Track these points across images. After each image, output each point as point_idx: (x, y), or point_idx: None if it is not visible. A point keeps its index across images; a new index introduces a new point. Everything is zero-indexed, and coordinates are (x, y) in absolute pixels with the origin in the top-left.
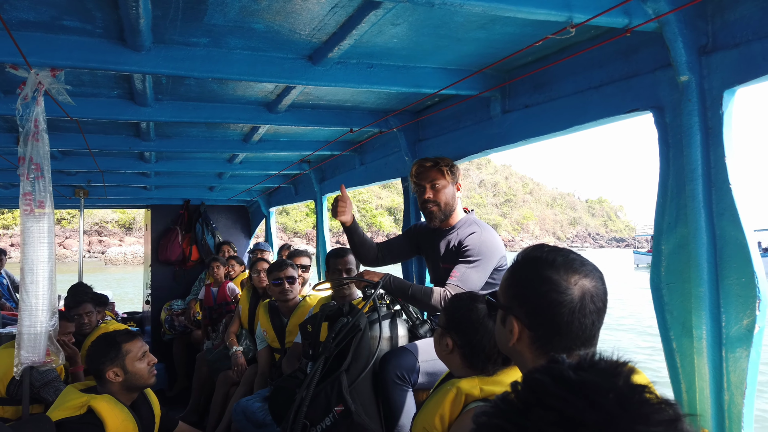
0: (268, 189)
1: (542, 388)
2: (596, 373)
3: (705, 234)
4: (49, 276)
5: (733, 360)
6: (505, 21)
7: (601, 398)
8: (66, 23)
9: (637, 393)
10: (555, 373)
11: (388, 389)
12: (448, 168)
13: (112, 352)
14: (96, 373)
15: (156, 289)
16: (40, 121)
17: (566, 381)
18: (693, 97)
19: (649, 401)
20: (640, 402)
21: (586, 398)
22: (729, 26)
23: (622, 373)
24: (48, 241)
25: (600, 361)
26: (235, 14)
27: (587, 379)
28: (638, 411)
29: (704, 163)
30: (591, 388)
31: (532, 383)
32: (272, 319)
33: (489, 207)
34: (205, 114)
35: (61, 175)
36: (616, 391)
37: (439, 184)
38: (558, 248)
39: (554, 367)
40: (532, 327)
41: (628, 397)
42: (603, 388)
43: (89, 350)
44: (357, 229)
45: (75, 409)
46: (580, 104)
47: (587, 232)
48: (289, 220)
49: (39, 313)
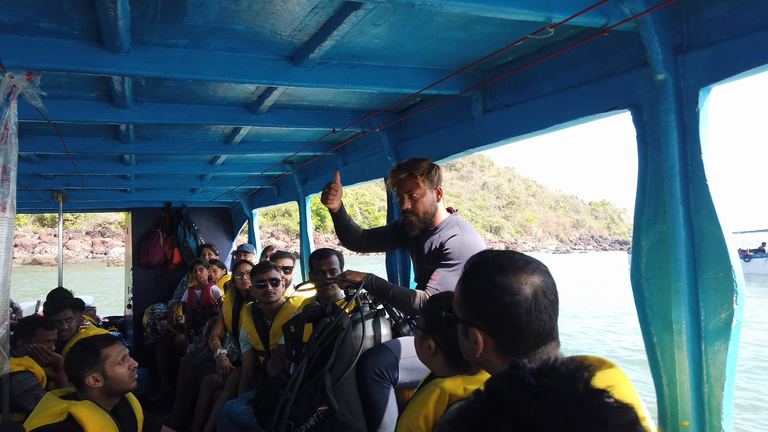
0: (251, 190)
1: (503, 395)
2: (556, 378)
3: (683, 230)
4: (3, 282)
5: (712, 353)
6: (484, 21)
7: (561, 403)
8: (42, 25)
9: (596, 397)
10: (516, 379)
11: (367, 386)
12: (423, 176)
13: (91, 358)
14: (75, 379)
15: (138, 293)
16: (11, 125)
17: (526, 387)
18: (669, 96)
19: (607, 405)
20: (598, 406)
21: (545, 403)
22: (703, 25)
23: (582, 378)
24: (5, 246)
25: (560, 366)
26: (214, 15)
27: (547, 384)
28: (597, 415)
29: (681, 160)
30: (550, 394)
31: (493, 390)
32: (256, 321)
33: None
34: (186, 115)
35: (39, 179)
36: (576, 395)
37: (416, 194)
38: (502, 251)
39: (515, 373)
40: (494, 334)
41: (587, 402)
42: (562, 393)
43: (68, 356)
44: (343, 215)
45: (54, 416)
46: (560, 103)
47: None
48: (291, 222)
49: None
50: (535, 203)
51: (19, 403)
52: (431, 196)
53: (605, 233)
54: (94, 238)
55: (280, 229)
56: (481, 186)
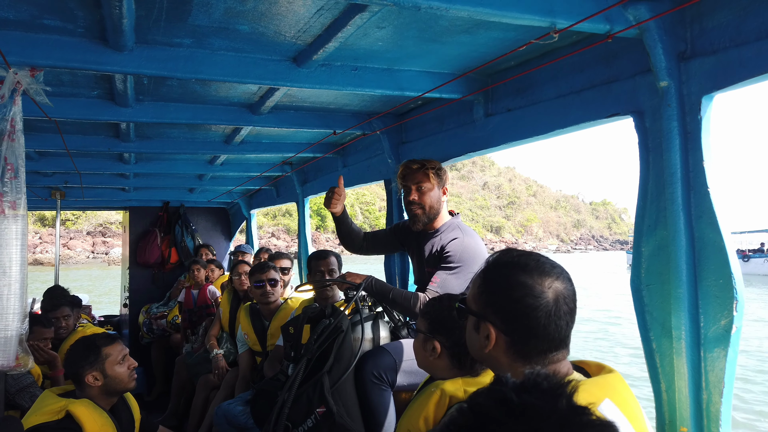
0: (250, 191)
1: (485, 414)
2: (538, 395)
3: (684, 236)
4: (21, 279)
5: (711, 360)
6: (489, 25)
7: (542, 422)
8: (47, 22)
9: (578, 415)
10: (498, 396)
11: (366, 389)
12: (434, 171)
13: (92, 356)
14: (75, 377)
15: (134, 292)
16: (17, 121)
17: (508, 405)
18: (672, 102)
19: (590, 423)
20: (580, 424)
21: (527, 423)
22: (707, 33)
23: (564, 395)
24: (21, 244)
25: (543, 381)
26: (219, 15)
27: (529, 402)
28: None
29: (683, 167)
30: (532, 412)
31: (476, 408)
32: (253, 322)
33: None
34: (187, 115)
35: (38, 176)
36: (557, 413)
37: (424, 186)
38: (527, 252)
39: (497, 390)
40: (509, 332)
41: (569, 420)
42: (544, 412)
43: (68, 354)
44: (346, 219)
45: (53, 414)
46: (562, 108)
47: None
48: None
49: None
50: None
51: (14, 400)
52: (438, 193)
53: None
54: (95, 238)
55: (281, 229)
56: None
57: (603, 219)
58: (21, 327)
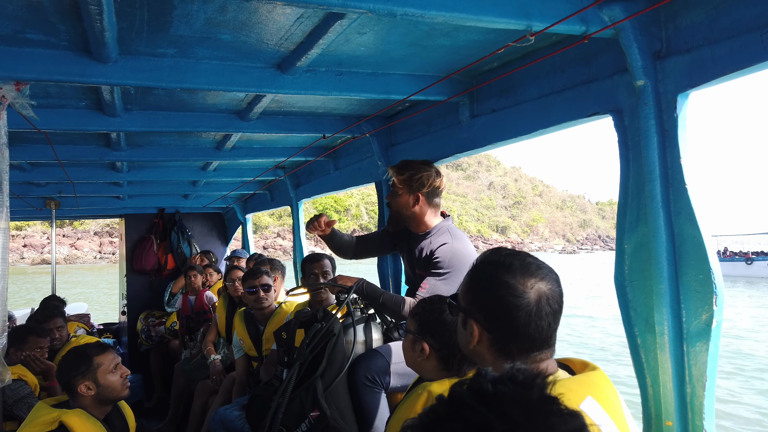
0: (244, 196)
1: (459, 401)
2: (512, 386)
3: (664, 233)
4: (1, 291)
5: (693, 354)
6: (468, 29)
7: (511, 409)
8: (29, 36)
9: (546, 404)
10: (474, 386)
11: (359, 392)
12: (403, 177)
13: (83, 366)
14: (67, 386)
15: (131, 299)
16: (1, 135)
17: (482, 394)
18: (649, 101)
19: (557, 412)
20: (547, 413)
21: (496, 410)
22: (681, 32)
23: (536, 386)
24: (1, 257)
25: (519, 374)
26: (201, 25)
27: (501, 391)
28: (544, 421)
29: (661, 165)
30: (503, 400)
31: (452, 396)
32: (248, 327)
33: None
34: (176, 123)
35: (31, 187)
36: (527, 402)
37: (394, 189)
38: (515, 252)
39: (475, 380)
40: (491, 330)
41: (537, 408)
42: (514, 400)
43: (60, 364)
44: (334, 235)
45: (46, 425)
46: (544, 108)
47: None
48: None
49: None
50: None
51: (12, 411)
52: (405, 200)
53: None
54: (102, 238)
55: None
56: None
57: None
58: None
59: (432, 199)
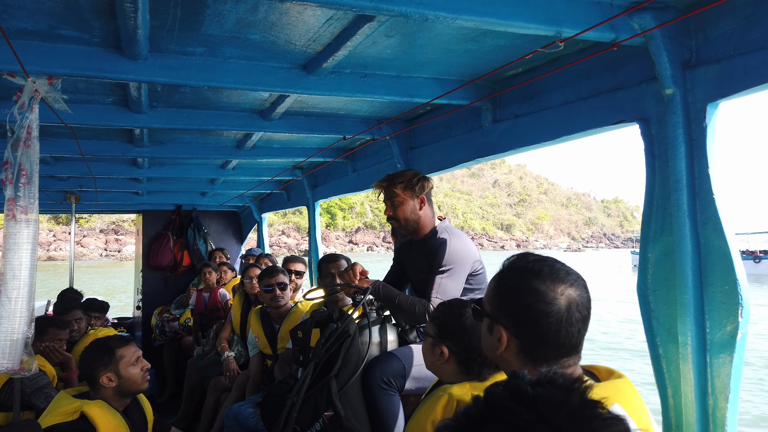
0: (261, 195)
1: (498, 403)
2: (552, 389)
3: (689, 242)
4: (30, 283)
5: (717, 365)
6: (495, 34)
7: (552, 413)
8: (64, 32)
9: (588, 408)
10: (513, 388)
11: (374, 394)
12: (402, 184)
13: (106, 357)
14: (89, 378)
15: (147, 294)
16: (33, 128)
17: (521, 396)
18: (677, 110)
19: (599, 416)
20: (590, 417)
21: (537, 412)
22: (711, 42)
23: (578, 390)
24: (31, 248)
25: (558, 378)
26: (231, 25)
27: (542, 394)
28: (587, 425)
29: (689, 174)
30: (544, 403)
31: (490, 398)
32: (264, 325)
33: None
34: (200, 121)
35: (53, 180)
36: (568, 406)
37: (396, 201)
38: (543, 257)
39: (513, 382)
40: (519, 336)
41: (579, 412)
42: (555, 403)
43: (82, 355)
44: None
45: (67, 415)
46: (568, 115)
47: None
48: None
49: (17, 319)
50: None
51: (29, 401)
52: (412, 205)
53: (618, 231)
54: (108, 236)
55: (290, 227)
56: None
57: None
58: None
59: (429, 200)
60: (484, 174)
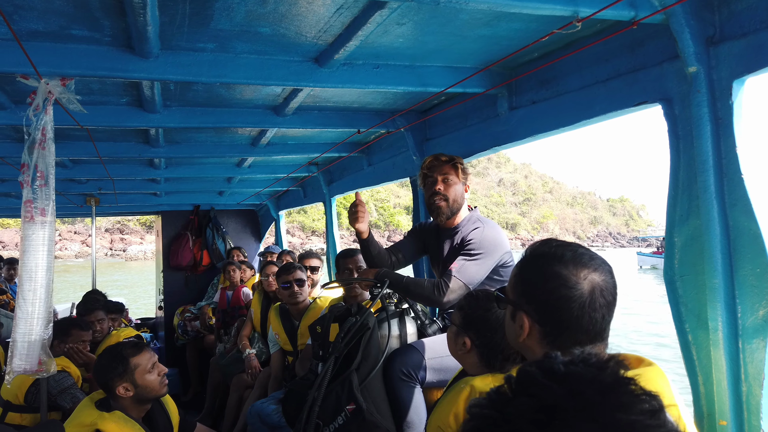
0: (277, 192)
1: (529, 379)
2: (584, 366)
3: (718, 225)
4: (47, 284)
5: (749, 351)
6: (510, 17)
7: (584, 388)
8: (74, 32)
9: (620, 385)
10: (545, 366)
11: (394, 386)
12: (462, 166)
13: (120, 367)
14: (105, 388)
15: (168, 294)
16: (48, 130)
17: (553, 372)
18: (702, 88)
19: (631, 392)
20: (622, 392)
21: (568, 387)
22: (736, 16)
23: (610, 368)
24: (48, 250)
25: (591, 357)
26: (241, 19)
27: (573, 371)
28: (619, 400)
29: (715, 154)
30: (575, 379)
31: (521, 375)
32: (283, 322)
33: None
34: (214, 119)
35: (72, 184)
36: (600, 381)
37: (451, 179)
38: (566, 243)
39: (545, 360)
40: (542, 322)
41: (610, 388)
42: (586, 379)
43: (97, 365)
44: (372, 240)
45: (83, 428)
46: (587, 99)
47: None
48: (306, 219)
49: (35, 321)
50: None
51: (56, 401)
52: (461, 189)
53: (623, 230)
54: (113, 235)
55: (295, 226)
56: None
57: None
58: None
59: None
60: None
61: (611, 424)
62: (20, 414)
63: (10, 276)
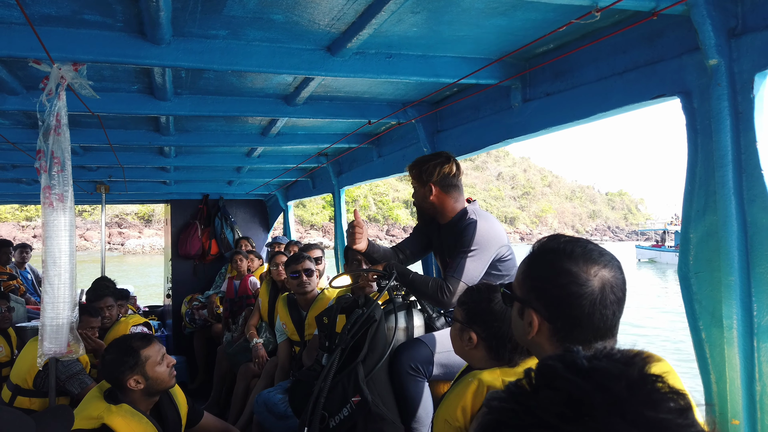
0: (286, 183)
1: (553, 373)
2: (609, 362)
3: (735, 221)
4: (71, 269)
5: (765, 350)
6: (527, 6)
7: (611, 383)
8: (87, 17)
9: (648, 382)
10: (567, 359)
11: (402, 380)
12: (415, 171)
13: (131, 360)
14: (116, 382)
15: (176, 283)
16: (62, 116)
17: (577, 367)
18: (722, 81)
19: (660, 389)
20: (651, 389)
21: (595, 382)
22: (759, 7)
23: (636, 363)
24: (69, 234)
25: (615, 353)
26: (254, 5)
27: (598, 366)
28: (648, 397)
29: (734, 149)
30: (601, 374)
31: (543, 369)
32: (291, 312)
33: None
34: (224, 107)
35: (83, 171)
36: (627, 377)
37: (415, 186)
38: (575, 238)
39: (567, 354)
40: (552, 319)
41: (639, 384)
42: (613, 374)
43: (106, 360)
44: (374, 250)
45: (90, 421)
46: (603, 91)
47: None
48: (305, 213)
49: (61, 304)
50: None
51: (64, 387)
52: (422, 192)
53: (622, 224)
54: (111, 229)
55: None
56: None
57: (619, 209)
58: (71, 315)
59: (446, 186)
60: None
61: (641, 422)
62: (29, 398)
63: (22, 260)
